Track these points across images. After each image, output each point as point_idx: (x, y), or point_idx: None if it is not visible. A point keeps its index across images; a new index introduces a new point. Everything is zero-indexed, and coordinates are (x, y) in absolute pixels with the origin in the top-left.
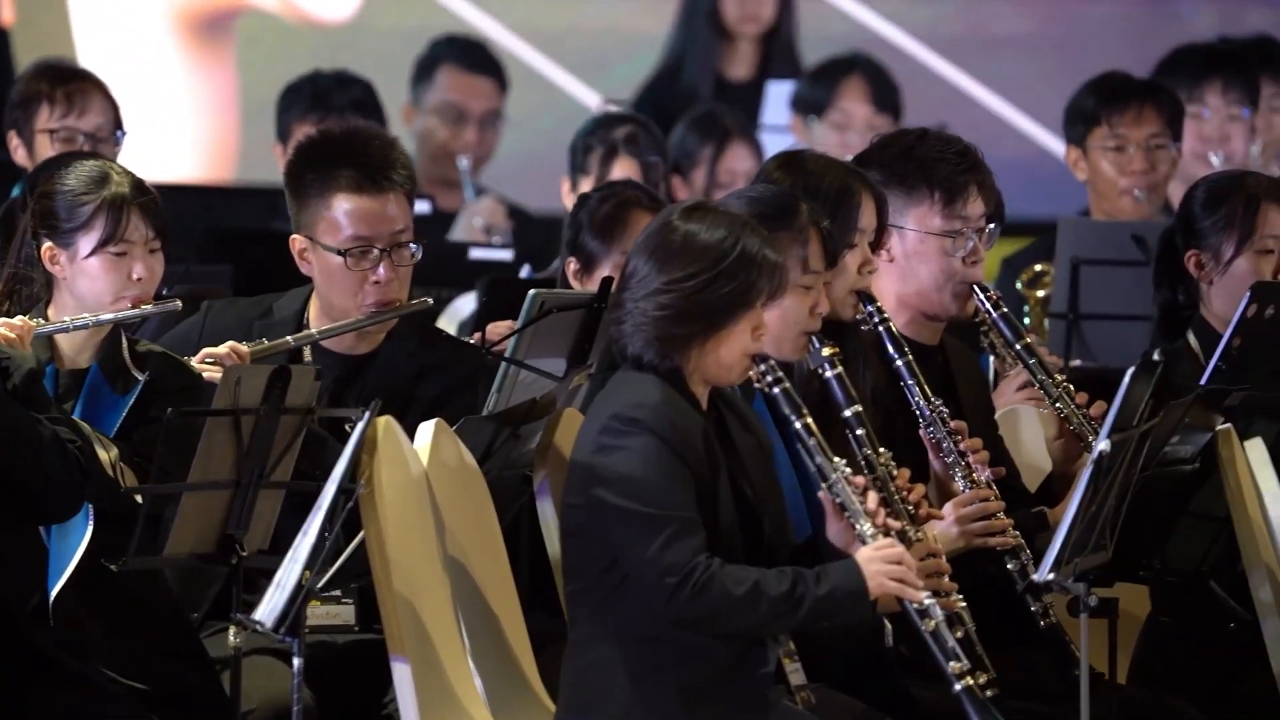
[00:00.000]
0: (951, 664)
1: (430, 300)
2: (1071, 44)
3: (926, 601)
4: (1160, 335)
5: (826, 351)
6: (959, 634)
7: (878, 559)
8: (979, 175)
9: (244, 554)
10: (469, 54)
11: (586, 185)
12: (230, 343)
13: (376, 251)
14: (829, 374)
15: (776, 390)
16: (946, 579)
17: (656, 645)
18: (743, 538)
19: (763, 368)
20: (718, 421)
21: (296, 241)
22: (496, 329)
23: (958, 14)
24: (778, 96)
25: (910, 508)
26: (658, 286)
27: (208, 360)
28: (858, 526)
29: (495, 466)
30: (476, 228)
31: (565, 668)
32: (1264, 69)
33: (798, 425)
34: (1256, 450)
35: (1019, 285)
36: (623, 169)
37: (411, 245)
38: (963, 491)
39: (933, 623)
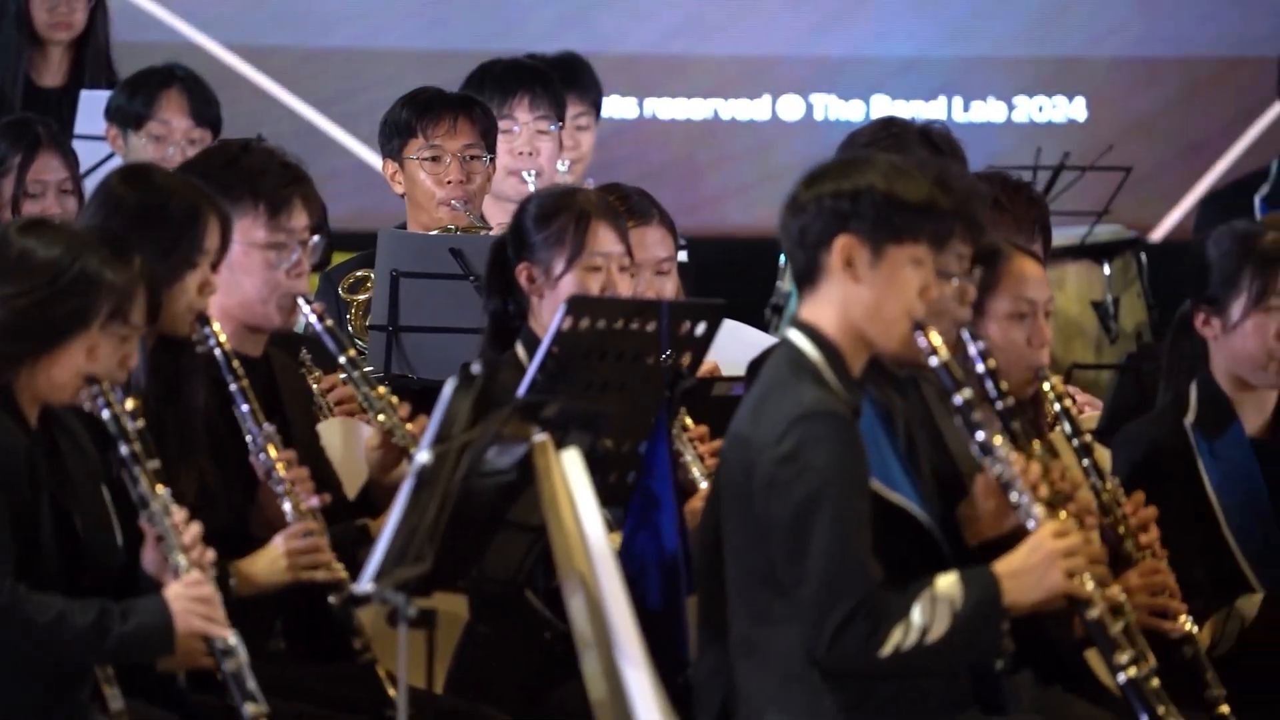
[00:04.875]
0: (248, 706)
1: None
2: (382, 60)
3: (231, 641)
4: (490, 346)
5: (130, 404)
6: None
7: (185, 596)
8: (303, 188)
9: None
10: None
11: None
12: None
13: None
14: (130, 426)
15: (106, 414)
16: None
17: None
18: (65, 562)
19: (95, 389)
20: (48, 441)
21: None
22: None
23: (276, 24)
24: (92, 106)
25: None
26: None
27: None
28: (170, 558)
29: None
30: None
31: None
32: (569, 87)
33: (123, 452)
34: (572, 461)
35: (341, 291)
36: None
37: None
38: (289, 518)
39: (234, 662)
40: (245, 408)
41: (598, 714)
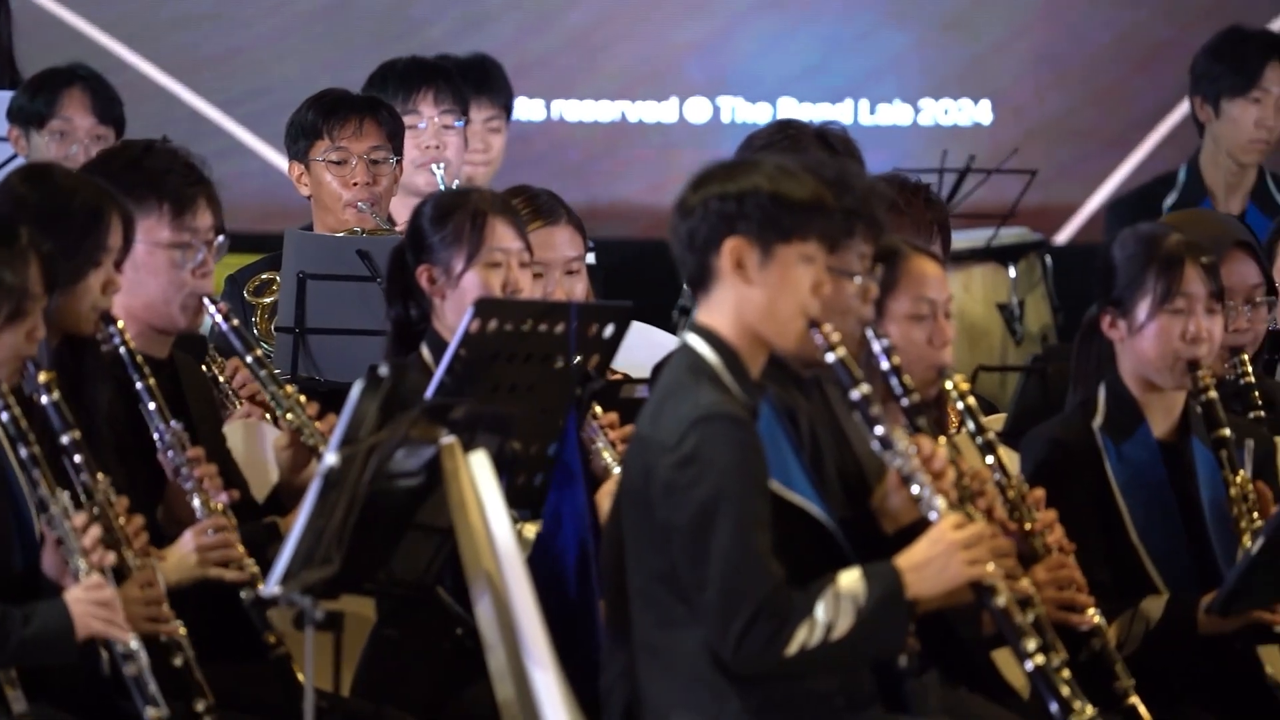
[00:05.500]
0: (149, 710)
1: None
2: (286, 62)
3: (133, 645)
4: (394, 349)
5: (43, 378)
6: (179, 661)
7: (86, 600)
8: (207, 188)
9: None
10: None
11: None
12: None
13: None
14: (45, 400)
15: (4, 416)
16: (165, 608)
17: None
18: None
19: (4, 388)
20: None
21: None
22: None
23: (175, 26)
24: None
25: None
26: None
27: None
28: (70, 562)
29: None
30: None
31: None
32: (481, 90)
33: (22, 455)
34: (479, 463)
35: (246, 294)
36: None
37: None
38: (199, 514)
39: (135, 666)
40: (151, 405)
41: (504, 715)
